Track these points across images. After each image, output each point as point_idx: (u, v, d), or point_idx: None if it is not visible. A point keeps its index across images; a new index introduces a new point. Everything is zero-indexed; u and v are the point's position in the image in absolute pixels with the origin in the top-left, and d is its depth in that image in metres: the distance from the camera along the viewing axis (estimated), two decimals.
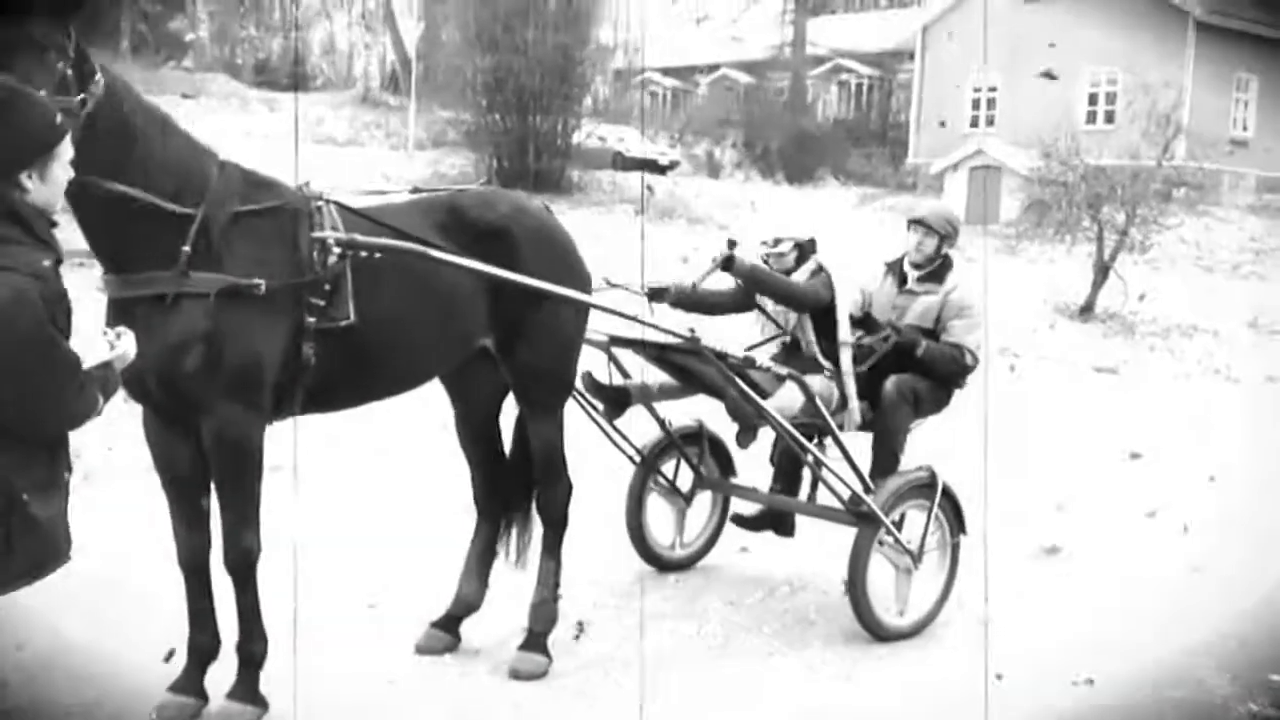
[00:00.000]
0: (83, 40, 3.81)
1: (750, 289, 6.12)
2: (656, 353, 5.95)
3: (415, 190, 5.36)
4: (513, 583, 5.72)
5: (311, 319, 4.41)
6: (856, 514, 5.80)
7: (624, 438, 6.39)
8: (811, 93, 45.42)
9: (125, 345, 3.41)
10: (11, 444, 3.10)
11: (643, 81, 48.40)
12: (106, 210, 4.02)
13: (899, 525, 5.93)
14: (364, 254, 4.45)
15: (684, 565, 6.94)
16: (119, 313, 4.19)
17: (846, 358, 6.05)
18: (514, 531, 5.75)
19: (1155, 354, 16.91)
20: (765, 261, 6.24)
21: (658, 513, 6.86)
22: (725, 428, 6.47)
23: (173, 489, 4.51)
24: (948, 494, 6.04)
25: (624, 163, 31.64)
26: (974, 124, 36.24)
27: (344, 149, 30.26)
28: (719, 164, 36.78)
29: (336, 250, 4.41)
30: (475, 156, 26.88)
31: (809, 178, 35.98)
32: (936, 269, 6.48)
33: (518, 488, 5.66)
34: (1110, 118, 32.07)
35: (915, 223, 6.50)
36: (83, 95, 3.76)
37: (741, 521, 6.81)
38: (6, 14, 3.60)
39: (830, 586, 6.58)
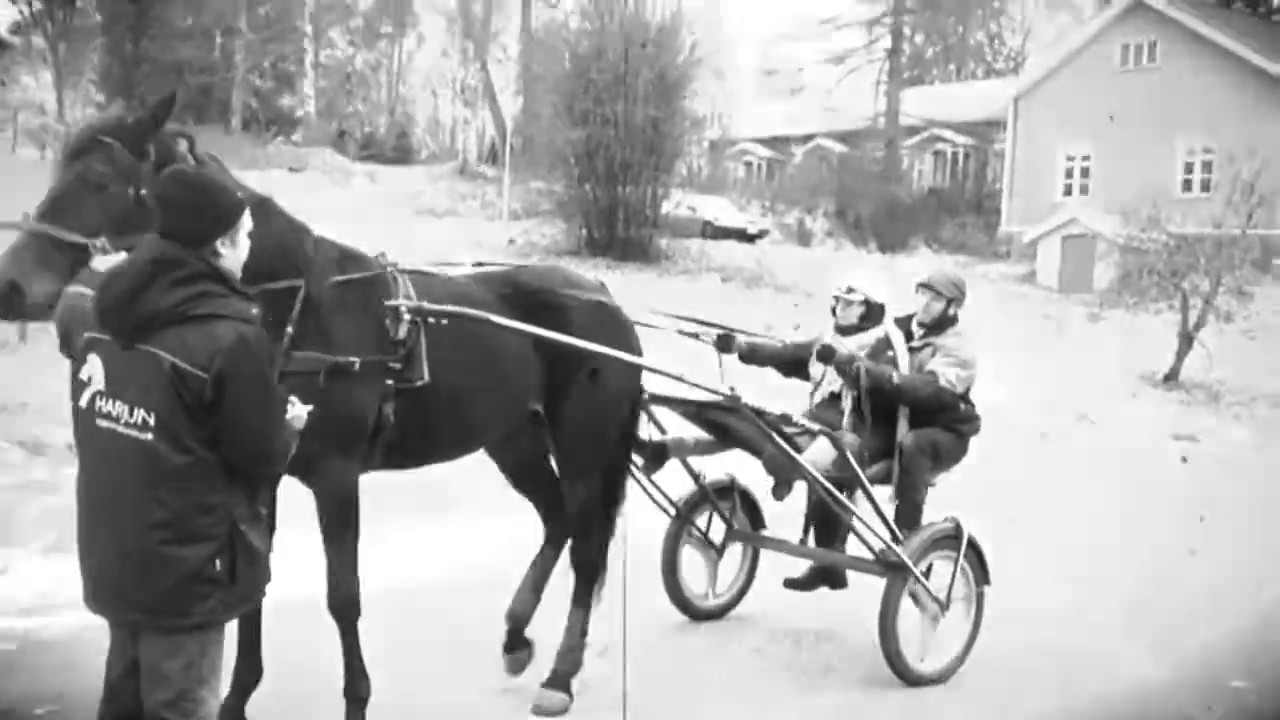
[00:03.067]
0: (163, 139, 4.12)
1: (842, 372, 6.31)
2: (694, 410, 6.24)
3: (478, 264, 5.74)
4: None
5: (390, 381, 4.70)
6: (886, 564, 6.00)
7: (660, 491, 6.65)
8: (906, 161, 45.55)
9: (300, 410, 3.77)
10: (229, 482, 3.47)
11: (739, 152, 49.00)
12: None
13: (926, 575, 6.11)
14: (433, 320, 4.77)
15: (715, 615, 7.16)
16: None
17: (902, 416, 6.36)
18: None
19: (1239, 422, 16.68)
20: (834, 306, 6.68)
21: (692, 563, 7.06)
22: (756, 482, 6.74)
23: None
24: (973, 545, 6.25)
25: (713, 232, 32.05)
26: (1067, 192, 36.06)
27: (442, 219, 31.15)
28: (809, 232, 37.01)
29: (407, 316, 4.73)
30: (566, 226, 27.49)
31: (901, 246, 36.04)
32: (940, 327, 6.71)
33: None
34: (1206, 186, 31.70)
35: (924, 286, 6.75)
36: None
37: (793, 584, 7.00)
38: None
39: (851, 635, 6.75)
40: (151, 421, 3.36)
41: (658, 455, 6.40)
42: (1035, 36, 55.84)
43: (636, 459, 6.27)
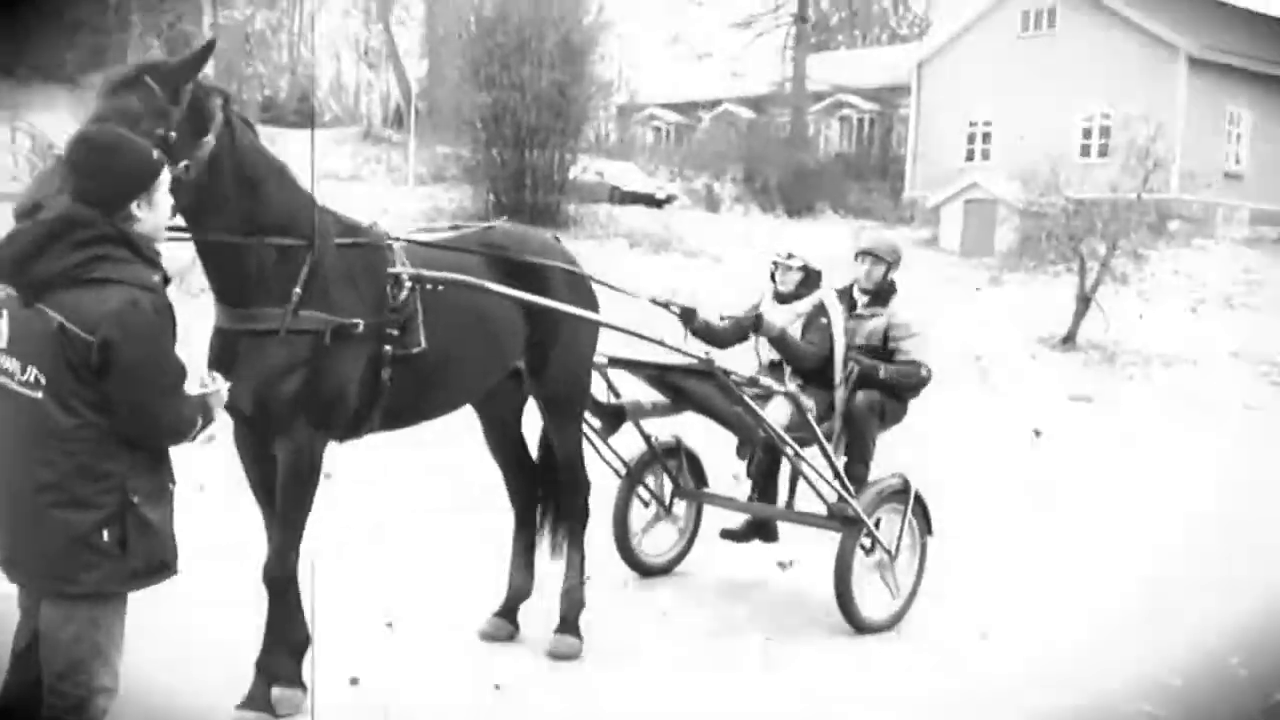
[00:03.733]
0: (199, 89, 4.22)
1: (773, 345, 6.66)
2: (657, 374, 6.55)
3: (455, 227, 5.98)
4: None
5: (388, 347, 4.83)
6: (842, 518, 6.35)
7: (613, 451, 6.95)
8: (812, 127, 45.80)
9: (219, 386, 3.73)
10: (122, 450, 3.40)
11: (647, 117, 48.92)
12: (224, 250, 4.47)
13: (876, 527, 6.50)
14: (428, 287, 4.94)
15: (664, 570, 7.48)
16: (224, 338, 4.63)
17: (839, 376, 6.70)
18: (548, 528, 6.39)
19: (1133, 383, 17.14)
20: (773, 271, 6.90)
21: (640, 521, 7.40)
22: (702, 443, 7.31)
23: (268, 504, 4.85)
24: (919, 499, 6.68)
25: (620, 197, 31.99)
26: (970, 157, 36.59)
27: (346, 184, 30.67)
28: (718, 198, 37.12)
29: (408, 284, 4.89)
30: (473, 191, 27.25)
31: (808, 211, 36.31)
32: (882, 294, 7.04)
33: (547, 489, 6.30)
34: (1104, 151, 32.39)
35: (864, 253, 7.09)
36: (202, 140, 4.20)
37: (730, 535, 7.27)
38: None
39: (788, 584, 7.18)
40: (42, 380, 3.34)
41: (616, 418, 6.69)
42: (938, 4, 56.42)
43: (594, 421, 6.58)
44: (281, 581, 4.75)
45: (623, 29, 36.01)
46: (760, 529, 7.27)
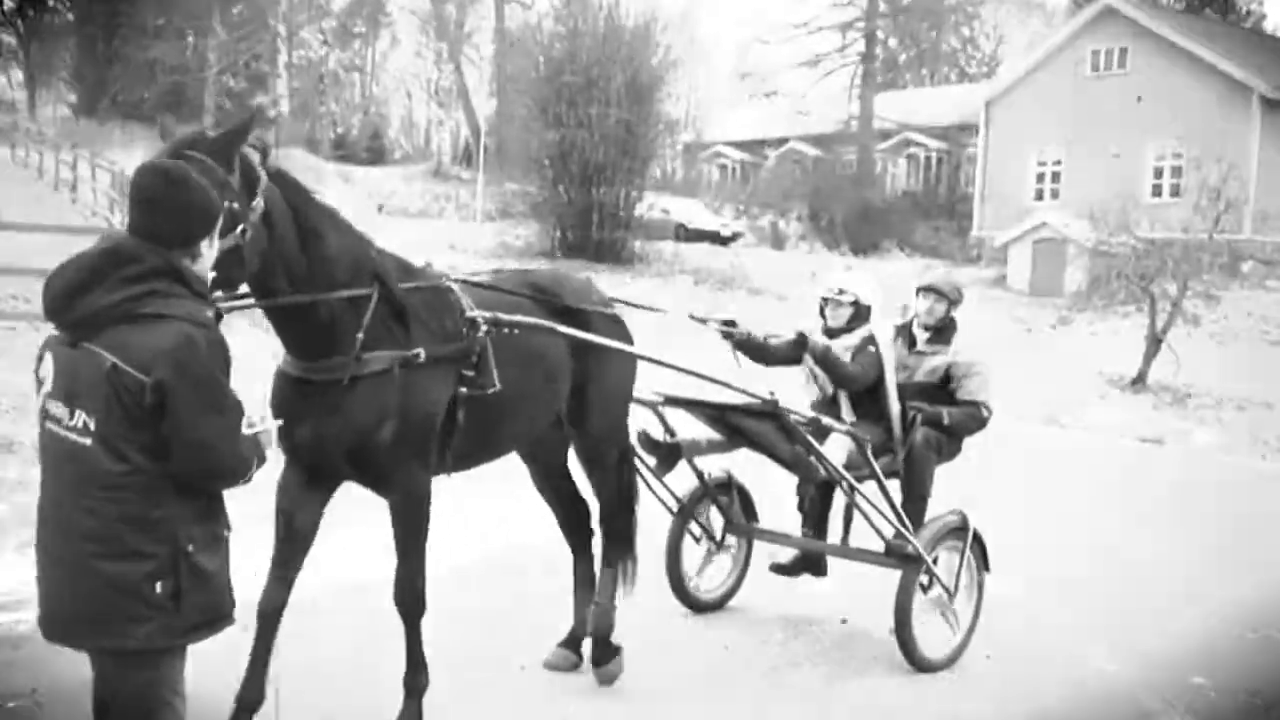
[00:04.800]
0: (249, 157, 4.09)
1: (817, 363, 6.55)
2: (718, 413, 6.40)
3: (496, 271, 5.92)
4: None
5: (463, 388, 4.90)
6: (901, 556, 6.26)
7: (666, 487, 6.84)
8: (879, 165, 45.79)
9: (270, 425, 3.57)
10: (173, 497, 3.21)
11: (713, 155, 49.10)
12: (294, 307, 4.48)
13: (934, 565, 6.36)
14: (495, 329, 4.98)
15: (717, 606, 7.30)
16: (293, 384, 4.65)
17: (895, 412, 6.61)
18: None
19: (1205, 426, 16.86)
20: (823, 307, 6.79)
21: (693, 558, 7.23)
22: (751, 478, 7.20)
23: (288, 541, 4.89)
24: (977, 537, 6.55)
25: (686, 234, 32.14)
26: (1039, 196, 36.34)
27: (415, 220, 31.15)
28: (783, 235, 37.15)
29: (484, 327, 4.95)
30: (540, 228, 27.53)
31: (874, 249, 36.24)
32: (944, 331, 7.02)
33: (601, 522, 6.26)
34: (1176, 191, 32.02)
35: (926, 289, 7.08)
36: (253, 203, 4.05)
37: (780, 569, 7.18)
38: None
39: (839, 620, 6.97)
40: (91, 426, 3.15)
41: (671, 456, 6.63)
42: (1008, 41, 56.23)
43: (649, 459, 6.56)
44: (415, 606, 4.93)
45: (690, 68, 36.25)
46: (810, 563, 7.18)
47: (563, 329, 5.27)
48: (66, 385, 3.18)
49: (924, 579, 6.29)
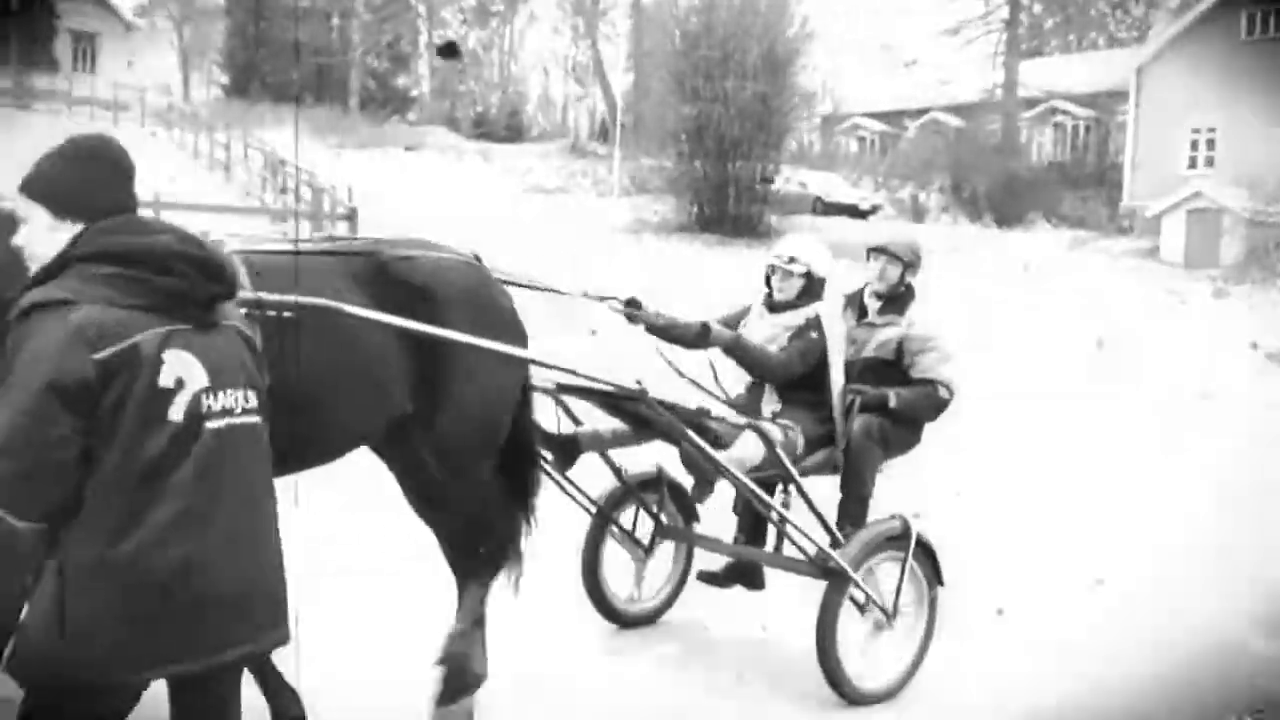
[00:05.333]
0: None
1: (727, 355, 5.72)
2: (610, 400, 5.52)
3: (330, 238, 5.06)
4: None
5: None
6: (824, 569, 5.37)
7: (576, 487, 5.89)
8: (1024, 135, 44.61)
9: None
10: None
11: (851, 127, 48.49)
12: None
13: (870, 579, 5.46)
14: (273, 313, 4.05)
15: (646, 620, 6.42)
16: None
17: (838, 400, 5.73)
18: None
19: None
20: (769, 275, 5.93)
21: (617, 565, 6.31)
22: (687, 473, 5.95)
23: None
24: (922, 545, 5.57)
25: (824, 208, 31.80)
26: (1192, 165, 35.01)
27: (552, 196, 31.40)
28: (924, 208, 36.50)
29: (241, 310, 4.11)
30: (676, 202, 27.52)
31: (1019, 221, 35.38)
32: (898, 300, 6.01)
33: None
34: None
35: (877, 250, 6.07)
36: None
37: (709, 578, 6.31)
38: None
39: (797, 641, 5.77)
40: (252, 400, 3.04)
41: (569, 450, 5.70)
42: (1159, 3, 54.21)
43: (546, 454, 5.59)
44: None
45: (827, 39, 35.84)
46: (744, 574, 6.28)
47: (351, 309, 4.20)
48: (217, 373, 2.95)
49: (858, 595, 5.39)
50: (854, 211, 32.84)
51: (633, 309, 5.67)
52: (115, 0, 51.66)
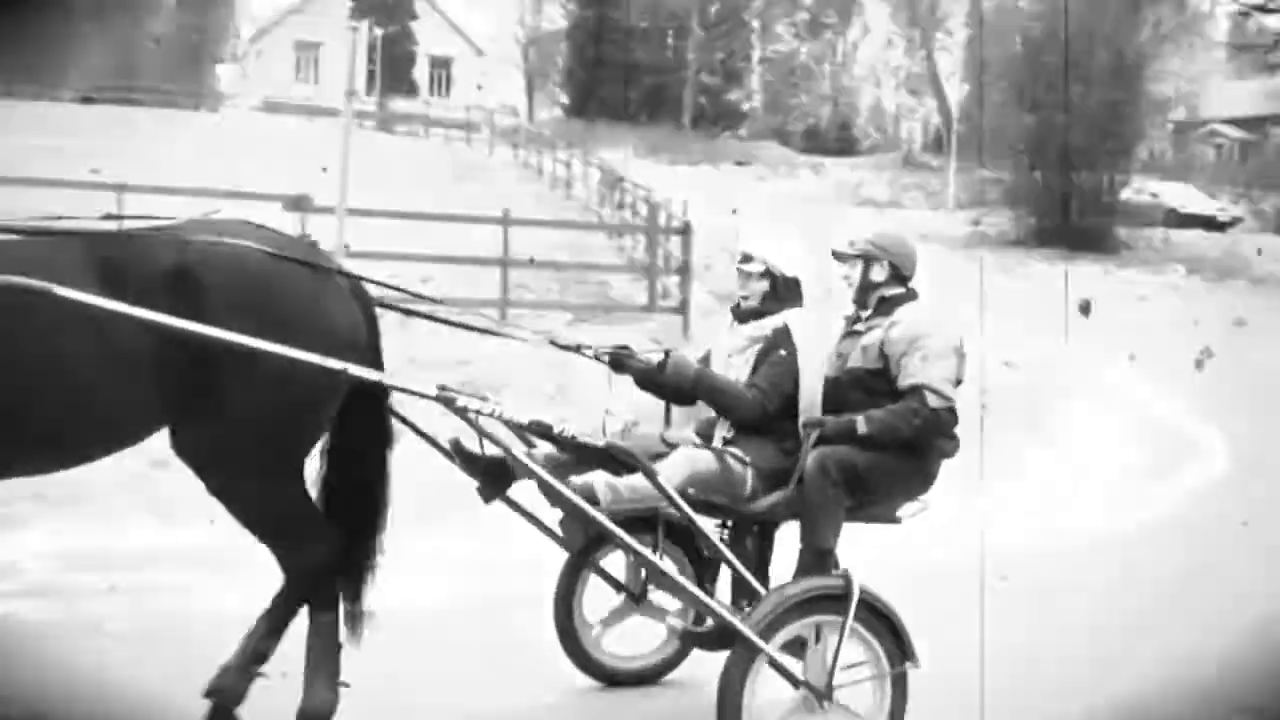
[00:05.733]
0: None
1: (698, 395, 4.81)
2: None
3: (109, 216, 4.23)
4: None
5: None
6: (719, 635, 4.38)
7: (533, 518, 4.98)
8: None
9: None
10: None
11: (1208, 134, 45.52)
12: None
13: (802, 646, 4.35)
14: None
15: (644, 679, 5.39)
16: None
17: (805, 432, 4.68)
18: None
19: None
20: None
21: (598, 612, 5.36)
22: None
23: None
24: (874, 609, 4.34)
25: (1176, 219, 29.96)
26: None
27: (884, 210, 30.96)
28: None
29: None
30: (1014, 215, 26.61)
31: None
32: (887, 301, 4.97)
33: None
34: None
35: (835, 256, 5.08)
36: None
37: (695, 640, 4.93)
38: None
39: None
40: None
41: (496, 475, 4.69)
42: None
43: (469, 479, 4.76)
44: None
45: (1182, 41, 33.75)
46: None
47: (40, 285, 3.51)
48: None
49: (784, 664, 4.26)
50: (1210, 223, 30.77)
51: (617, 365, 4.91)
52: (469, 27, 54.87)
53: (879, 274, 4.93)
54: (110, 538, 7.15)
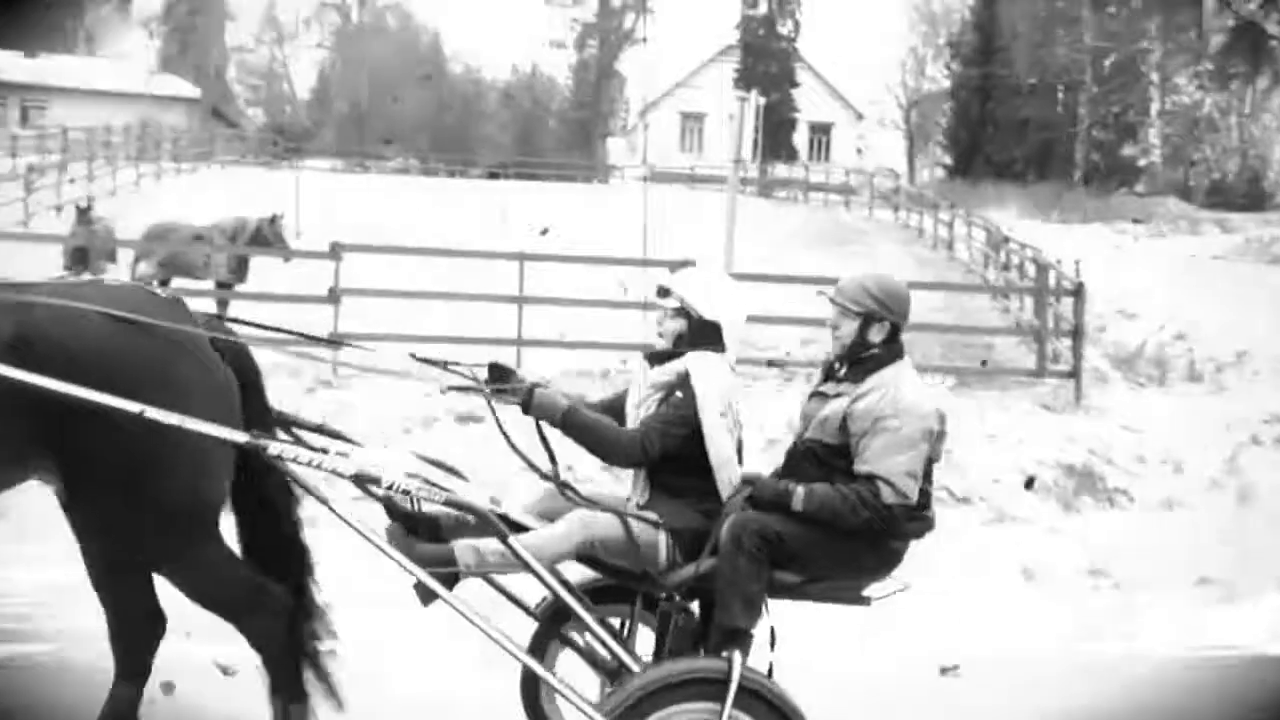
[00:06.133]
0: None
1: (567, 434, 4.21)
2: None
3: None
4: None
5: None
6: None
7: (495, 584, 4.45)
8: None
9: None
10: None
11: None
12: None
13: None
14: None
15: None
16: None
17: (725, 488, 4.19)
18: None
19: None
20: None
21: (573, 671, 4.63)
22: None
23: None
24: (757, 696, 3.77)
25: None
26: None
27: None
28: None
29: None
30: None
31: None
32: (865, 363, 4.24)
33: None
34: None
35: (831, 302, 4.34)
36: None
37: None
38: None
39: None
40: None
41: (435, 534, 4.24)
42: None
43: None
44: None
45: None
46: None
47: None
48: None
49: None
50: None
51: (498, 384, 4.23)
52: (849, 91, 55.38)
53: (877, 335, 4.26)
54: None
